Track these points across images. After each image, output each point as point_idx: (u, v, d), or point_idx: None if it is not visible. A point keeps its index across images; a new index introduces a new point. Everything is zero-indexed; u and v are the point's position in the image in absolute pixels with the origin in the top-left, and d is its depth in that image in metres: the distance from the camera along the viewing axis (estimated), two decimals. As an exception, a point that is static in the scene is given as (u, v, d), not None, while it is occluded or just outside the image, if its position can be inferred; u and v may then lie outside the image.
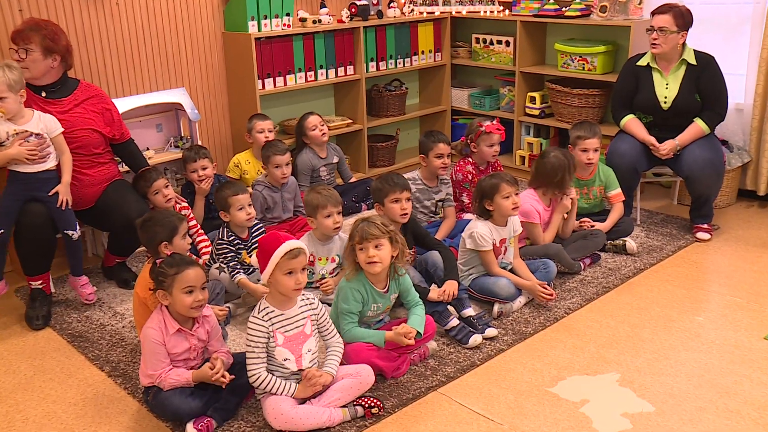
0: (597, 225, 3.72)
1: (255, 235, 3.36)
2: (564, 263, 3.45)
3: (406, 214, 3.22)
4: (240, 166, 4.16)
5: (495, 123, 3.89)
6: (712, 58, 3.84)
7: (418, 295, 2.85)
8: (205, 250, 3.49)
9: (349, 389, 2.46)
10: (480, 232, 3.16)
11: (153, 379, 2.43)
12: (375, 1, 4.84)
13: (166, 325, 2.42)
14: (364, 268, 2.65)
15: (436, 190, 3.81)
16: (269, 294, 2.46)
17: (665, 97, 3.87)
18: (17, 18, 3.60)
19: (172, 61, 4.26)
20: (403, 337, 2.63)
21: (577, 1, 4.69)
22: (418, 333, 2.69)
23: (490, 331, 2.97)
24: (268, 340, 2.39)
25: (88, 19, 3.88)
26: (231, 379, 2.43)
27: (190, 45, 4.32)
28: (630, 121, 3.97)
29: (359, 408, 2.47)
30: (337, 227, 3.19)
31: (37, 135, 3.05)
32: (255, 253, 3.19)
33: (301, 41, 4.53)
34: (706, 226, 3.94)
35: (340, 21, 4.70)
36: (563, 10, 4.70)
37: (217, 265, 3.26)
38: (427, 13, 5.17)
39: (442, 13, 5.22)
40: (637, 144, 3.91)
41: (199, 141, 4.16)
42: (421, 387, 2.65)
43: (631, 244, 3.73)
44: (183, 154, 3.82)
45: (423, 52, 5.24)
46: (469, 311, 3.04)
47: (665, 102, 3.87)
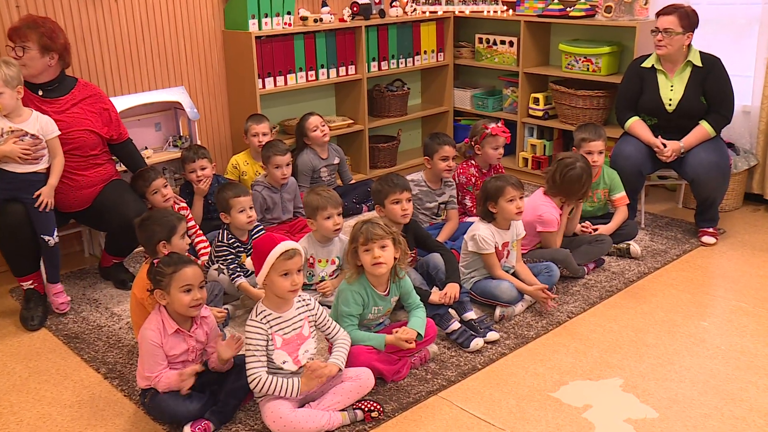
0: (600, 228, 3.72)
1: (255, 237, 3.36)
2: (570, 269, 3.45)
3: (407, 214, 3.23)
4: (239, 167, 4.16)
5: (500, 125, 3.89)
6: (718, 59, 3.84)
7: (419, 298, 2.85)
8: (203, 251, 3.50)
9: (348, 392, 2.47)
10: (482, 235, 3.16)
11: (150, 381, 2.43)
12: (377, 0, 4.85)
13: (164, 326, 2.43)
14: (368, 270, 2.65)
15: (440, 193, 3.82)
16: (265, 297, 2.46)
17: (670, 99, 3.87)
18: (14, 15, 3.61)
19: (171, 60, 4.26)
20: (404, 341, 2.64)
21: (582, 1, 4.69)
22: (419, 335, 2.69)
23: (492, 335, 2.97)
24: (267, 342, 2.40)
25: (87, 16, 3.89)
26: (189, 388, 2.42)
27: (190, 43, 4.32)
28: (635, 123, 3.97)
29: (359, 412, 2.47)
30: (337, 229, 3.20)
31: (32, 135, 3.05)
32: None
33: (302, 40, 4.54)
34: (711, 230, 3.95)
35: (342, 20, 4.71)
36: (568, 10, 4.70)
37: (216, 266, 3.27)
38: (430, 12, 5.17)
39: (444, 12, 5.22)
40: (642, 146, 3.91)
41: (198, 141, 4.16)
42: (421, 391, 2.65)
43: (635, 247, 3.73)
44: (182, 154, 3.83)
45: (425, 52, 5.25)
46: (471, 314, 3.04)
47: (670, 104, 3.87)
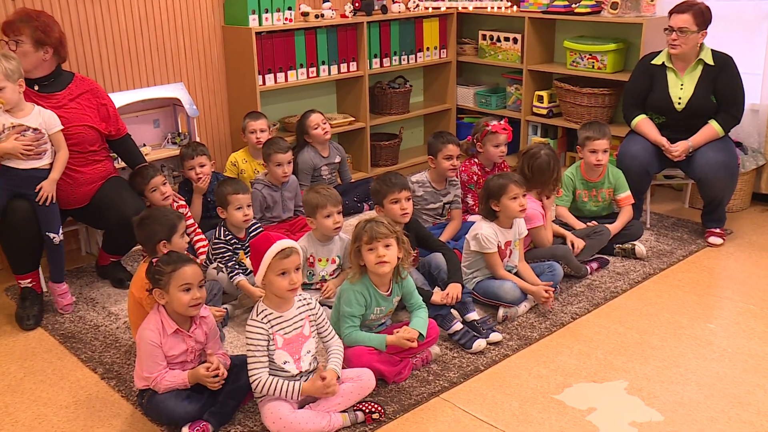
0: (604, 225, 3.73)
1: (253, 236, 3.37)
2: (571, 265, 3.45)
3: (406, 213, 3.23)
4: (237, 165, 4.16)
5: (502, 123, 3.89)
6: (731, 58, 3.82)
7: (421, 298, 2.85)
8: (202, 250, 3.50)
9: (349, 394, 2.47)
10: (485, 234, 3.16)
11: (148, 381, 2.43)
12: (379, -4, 4.86)
13: (163, 326, 2.43)
14: (372, 270, 2.66)
15: (444, 192, 3.81)
16: (266, 296, 2.47)
17: (679, 98, 3.86)
18: (9, 8, 3.60)
19: (170, 55, 4.27)
20: (406, 340, 2.64)
21: (588, -3, 4.70)
22: (421, 336, 2.70)
23: (495, 336, 2.97)
24: (268, 342, 2.40)
25: (84, 10, 3.89)
26: (222, 380, 2.42)
27: (189, 39, 4.33)
28: (642, 122, 3.97)
29: (360, 413, 2.47)
30: (337, 227, 3.20)
31: (34, 130, 3.06)
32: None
33: (303, 36, 4.54)
34: (718, 230, 3.95)
35: (343, 16, 4.71)
36: (573, 6, 4.70)
37: (215, 265, 3.27)
38: (433, 8, 5.18)
39: (448, 8, 5.22)
40: (649, 145, 3.91)
41: (197, 138, 4.16)
42: (423, 392, 2.65)
43: (640, 248, 3.73)
44: (180, 151, 3.83)
45: (428, 49, 5.25)
46: (473, 315, 3.04)
47: (679, 103, 3.86)
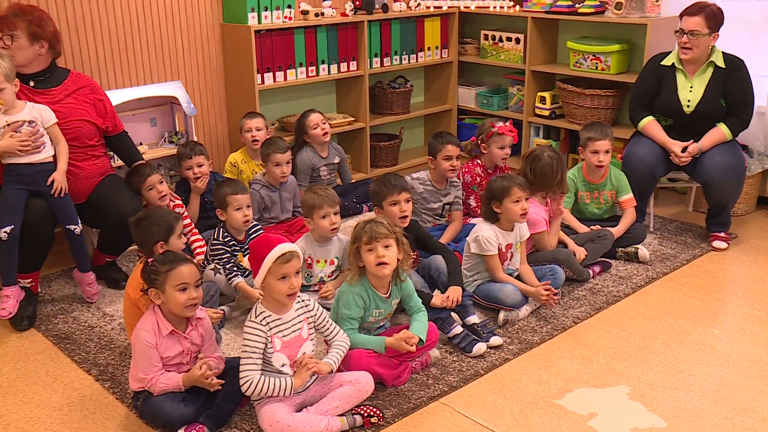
0: (607, 229, 3.73)
1: (252, 237, 3.37)
2: (573, 269, 3.46)
3: (405, 216, 3.23)
4: (237, 166, 4.16)
5: (508, 124, 3.90)
6: (742, 61, 3.81)
7: (421, 301, 2.86)
8: (199, 251, 3.50)
9: (347, 397, 2.47)
10: (485, 236, 3.17)
11: (143, 383, 2.43)
12: (380, -6, 4.86)
13: (159, 327, 2.43)
14: (372, 271, 2.66)
15: (445, 193, 3.82)
16: (264, 298, 2.47)
17: (688, 101, 3.85)
18: (3, 3, 3.60)
19: (167, 53, 4.27)
20: (405, 342, 2.64)
21: (592, -3, 4.71)
22: (420, 340, 2.70)
23: (495, 340, 2.97)
24: (266, 345, 2.40)
25: (80, 6, 3.89)
26: (220, 383, 2.43)
27: (187, 36, 4.33)
28: (649, 123, 3.97)
29: (358, 417, 2.47)
30: (334, 228, 3.20)
31: (30, 123, 3.06)
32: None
33: (303, 35, 4.55)
34: (723, 234, 3.95)
35: (344, 14, 4.72)
36: (576, 6, 4.71)
37: (212, 266, 3.27)
38: (435, 7, 5.19)
39: (449, 7, 5.23)
40: (655, 148, 3.90)
41: (194, 137, 4.16)
42: (422, 396, 2.65)
43: (643, 251, 3.73)
44: (178, 151, 3.83)
45: (429, 49, 5.26)
46: (474, 318, 3.05)
47: (688, 106, 3.86)
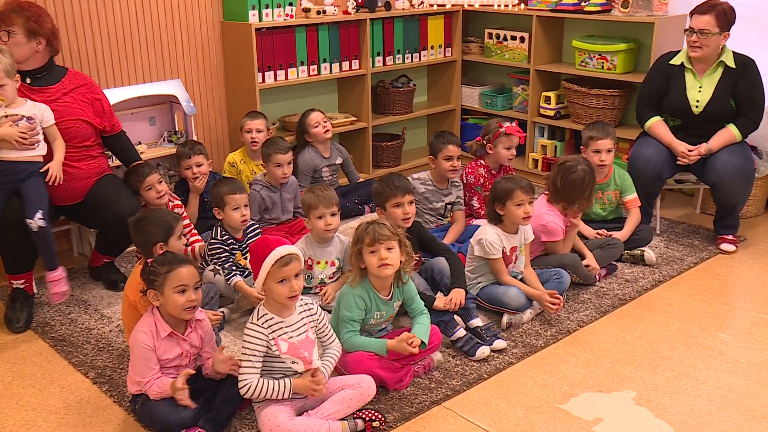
0: (614, 234, 3.72)
1: (250, 236, 3.37)
2: (579, 274, 3.45)
3: (408, 218, 3.24)
4: (236, 166, 4.17)
5: (515, 125, 3.90)
6: (753, 61, 3.81)
7: (423, 304, 2.86)
8: (194, 239, 3.49)
9: (349, 401, 2.47)
10: (489, 239, 3.17)
11: (141, 386, 2.44)
12: (383, -8, 4.87)
13: (157, 329, 2.43)
14: (374, 273, 2.66)
15: (446, 192, 3.83)
16: (266, 300, 2.47)
17: (697, 101, 3.85)
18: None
19: (167, 51, 4.28)
20: (407, 344, 2.64)
21: (598, -5, 4.71)
22: (423, 343, 2.70)
23: (499, 343, 2.97)
24: (267, 349, 2.40)
25: (78, 3, 3.90)
26: (191, 406, 2.41)
27: (187, 34, 4.34)
28: (656, 124, 3.96)
29: (359, 421, 2.47)
30: (329, 229, 3.20)
31: (28, 119, 3.07)
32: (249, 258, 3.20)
33: (304, 33, 4.55)
34: (731, 237, 3.94)
35: (346, 12, 4.73)
36: (582, 4, 4.71)
37: (211, 267, 3.27)
38: (438, 5, 5.19)
39: (453, 5, 5.22)
40: (662, 149, 3.90)
41: (194, 136, 4.17)
42: (424, 400, 2.65)
43: (649, 254, 3.73)
44: (177, 150, 3.84)
45: (432, 47, 5.26)
46: (477, 322, 3.05)
47: (697, 106, 3.85)
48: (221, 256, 3.27)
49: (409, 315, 2.88)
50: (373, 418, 2.49)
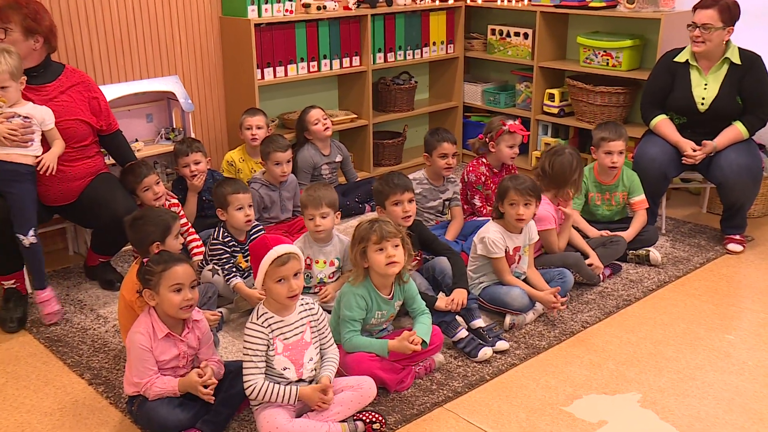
0: (619, 234, 3.72)
1: (253, 238, 3.36)
2: (583, 274, 3.45)
3: (408, 216, 3.24)
4: (235, 165, 4.17)
5: (518, 123, 3.90)
6: (759, 57, 3.80)
7: (424, 304, 2.86)
8: (197, 251, 3.49)
9: (349, 402, 2.47)
10: (492, 238, 3.16)
11: (138, 387, 2.43)
12: (384, -13, 4.87)
13: (154, 329, 2.43)
14: (380, 271, 2.66)
15: (443, 189, 3.84)
16: (266, 299, 2.47)
17: (703, 99, 3.85)
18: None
19: (164, 47, 4.28)
20: (408, 342, 2.64)
21: (603, -9, 4.70)
22: (424, 343, 2.70)
23: (501, 344, 2.97)
24: (268, 347, 2.40)
25: (76, -1, 3.91)
26: (211, 394, 2.42)
27: (185, 30, 4.33)
28: (661, 122, 3.96)
29: (360, 423, 2.47)
30: (318, 230, 3.20)
31: (25, 118, 3.07)
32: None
33: (304, 29, 4.55)
34: (738, 237, 3.94)
35: (346, 8, 4.72)
36: (587, 0, 4.71)
37: (210, 267, 3.27)
38: (440, 1, 5.19)
39: (456, 1, 5.23)
40: (668, 148, 3.89)
41: (192, 133, 4.17)
42: (426, 402, 2.65)
43: (655, 254, 3.73)
44: (174, 147, 3.83)
45: (434, 44, 5.26)
46: (479, 322, 3.05)
47: (702, 103, 3.85)
48: (222, 257, 3.27)
49: (410, 315, 2.88)
50: (374, 420, 2.49)
